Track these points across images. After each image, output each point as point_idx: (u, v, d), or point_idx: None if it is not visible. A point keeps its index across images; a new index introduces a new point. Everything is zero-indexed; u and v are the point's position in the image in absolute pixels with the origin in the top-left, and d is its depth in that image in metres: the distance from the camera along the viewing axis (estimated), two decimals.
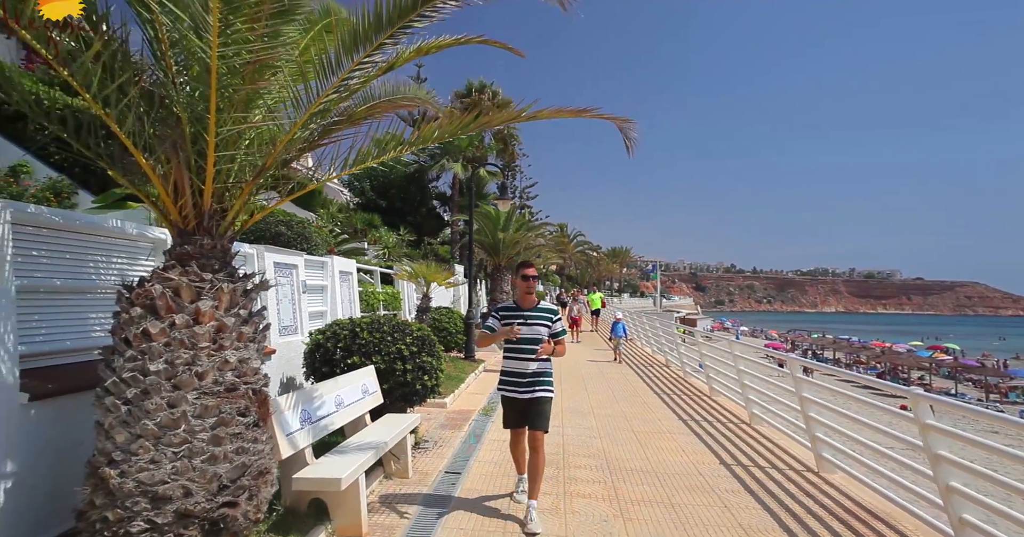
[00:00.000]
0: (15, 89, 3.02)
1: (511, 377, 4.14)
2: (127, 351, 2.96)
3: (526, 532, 3.82)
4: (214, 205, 3.27)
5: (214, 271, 3.22)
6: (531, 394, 4.07)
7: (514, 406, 4.15)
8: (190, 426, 2.94)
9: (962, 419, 21.42)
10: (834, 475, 5.26)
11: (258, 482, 3.19)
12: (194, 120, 3.08)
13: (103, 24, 2.87)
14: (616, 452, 5.97)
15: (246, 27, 2.70)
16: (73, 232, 3.64)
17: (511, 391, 4.12)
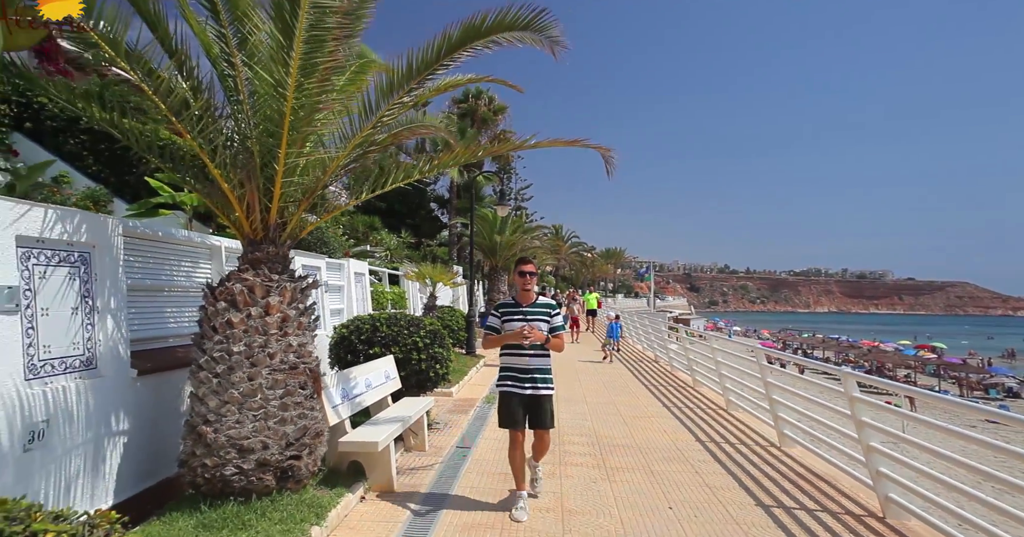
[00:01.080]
0: (123, 128, 3.79)
1: (511, 372, 4.11)
2: (215, 336, 3.74)
3: (533, 490, 4.36)
4: (277, 220, 4.07)
5: (279, 273, 4.02)
6: (533, 390, 4.04)
7: (514, 401, 4.07)
8: (265, 395, 3.74)
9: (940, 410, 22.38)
10: (793, 449, 6.08)
11: (315, 441, 3.99)
12: (264, 153, 3.86)
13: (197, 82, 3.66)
14: (605, 432, 6.78)
15: (313, 84, 3.49)
16: (155, 241, 4.42)
17: (511, 386, 4.08)
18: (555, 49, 4.06)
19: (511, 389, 4.08)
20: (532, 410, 4.08)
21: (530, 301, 4.18)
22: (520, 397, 4.05)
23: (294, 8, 3.08)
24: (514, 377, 4.10)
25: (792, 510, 4.36)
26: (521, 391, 4.05)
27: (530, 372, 4.07)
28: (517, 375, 4.09)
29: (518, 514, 3.98)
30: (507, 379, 4.13)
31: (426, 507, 4.22)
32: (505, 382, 4.13)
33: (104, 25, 3.11)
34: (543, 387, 4.08)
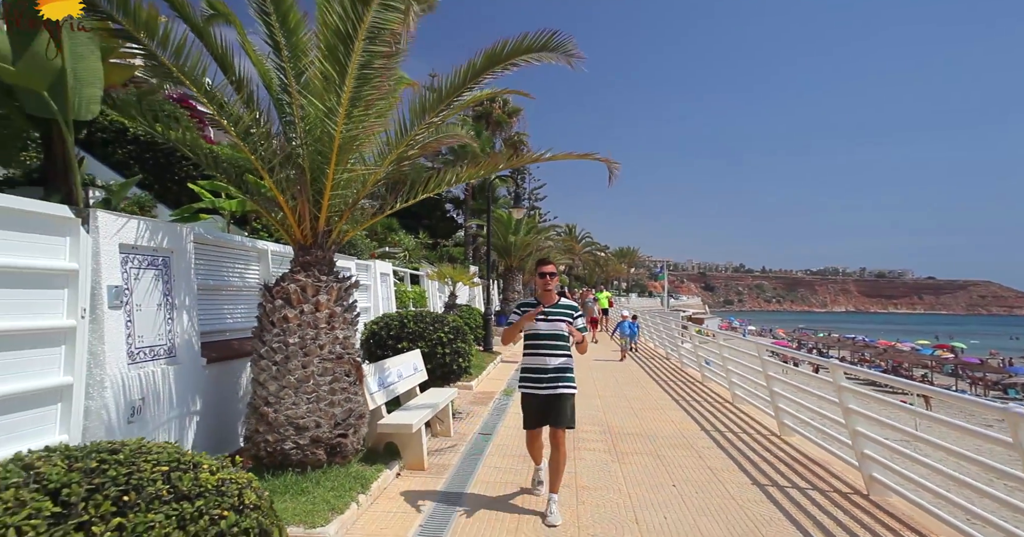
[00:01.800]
0: (198, 148, 4.35)
1: (532, 373, 4.04)
2: (273, 329, 4.31)
3: (546, 523, 3.85)
4: (324, 228, 4.62)
5: (326, 274, 4.58)
6: (553, 390, 3.98)
7: (534, 403, 4.03)
8: (316, 381, 4.30)
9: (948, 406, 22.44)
10: (792, 437, 6.52)
11: (358, 423, 4.55)
12: (314, 170, 4.42)
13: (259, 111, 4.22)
14: (616, 422, 7.26)
15: (360, 112, 4.03)
16: (215, 246, 5.01)
17: (531, 387, 4.03)
18: (572, 62, 4.56)
19: (530, 391, 4.04)
20: (551, 408, 3.99)
21: (552, 302, 4.13)
22: (541, 398, 4.01)
23: (347, 51, 3.62)
24: (534, 378, 4.03)
25: (785, 488, 4.82)
26: (541, 391, 4.00)
27: (550, 372, 3.99)
28: (537, 376, 4.02)
29: (539, 488, 4.32)
30: (527, 380, 4.07)
31: (455, 482, 4.75)
32: (526, 383, 4.08)
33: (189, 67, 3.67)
34: (563, 386, 3.99)
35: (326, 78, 3.87)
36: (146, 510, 1.74)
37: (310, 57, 4.13)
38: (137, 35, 3.43)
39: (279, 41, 4.14)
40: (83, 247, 3.36)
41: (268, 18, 4.08)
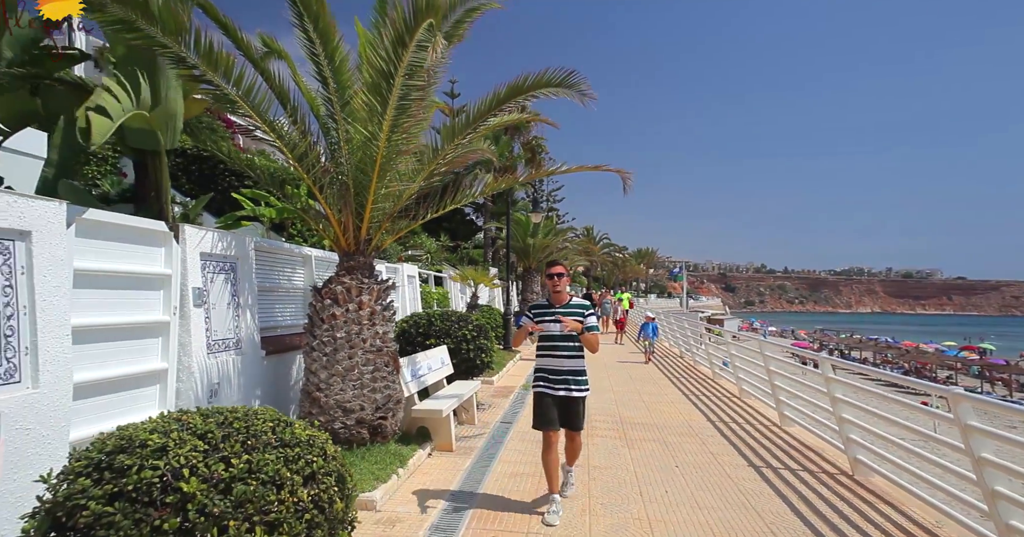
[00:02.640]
0: (257, 168, 5.04)
1: (545, 374, 4.12)
2: (323, 325, 4.97)
3: (564, 494, 4.29)
4: (365, 237, 5.28)
5: (367, 277, 5.23)
6: (566, 392, 4.03)
7: (547, 402, 4.08)
8: (360, 370, 4.94)
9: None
10: (792, 428, 6.99)
11: (396, 407, 5.19)
12: (356, 186, 5.07)
13: (311, 138, 4.89)
14: (628, 414, 7.80)
15: (398, 136, 4.67)
16: (270, 252, 5.70)
17: (545, 387, 4.10)
18: (584, 101, 5.15)
19: (544, 390, 4.10)
20: (564, 410, 4.06)
21: (563, 302, 4.20)
22: (553, 398, 4.06)
23: (388, 86, 4.26)
24: (547, 379, 4.11)
25: (777, 469, 5.33)
26: (554, 392, 4.05)
27: (563, 373, 4.06)
28: (551, 376, 4.09)
29: (550, 518, 3.92)
30: (541, 380, 4.15)
31: (480, 461, 5.37)
32: (539, 383, 4.15)
33: (256, 102, 4.36)
34: (576, 388, 4.05)
35: (369, 108, 4.51)
36: (263, 451, 2.38)
37: (353, 89, 4.79)
38: (217, 81, 4.11)
39: (327, 77, 4.80)
40: (174, 255, 4.06)
41: (317, 58, 4.74)
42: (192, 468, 2.19)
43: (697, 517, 4.14)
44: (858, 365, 5.42)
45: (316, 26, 4.54)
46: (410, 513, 4.08)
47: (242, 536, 2.15)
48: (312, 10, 4.51)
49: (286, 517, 2.28)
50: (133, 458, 2.18)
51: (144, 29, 3.76)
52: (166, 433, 2.32)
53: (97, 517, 2.04)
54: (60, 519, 2.09)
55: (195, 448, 2.25)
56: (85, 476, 2.16)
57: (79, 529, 2.06)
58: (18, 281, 2.82)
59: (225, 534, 2.12)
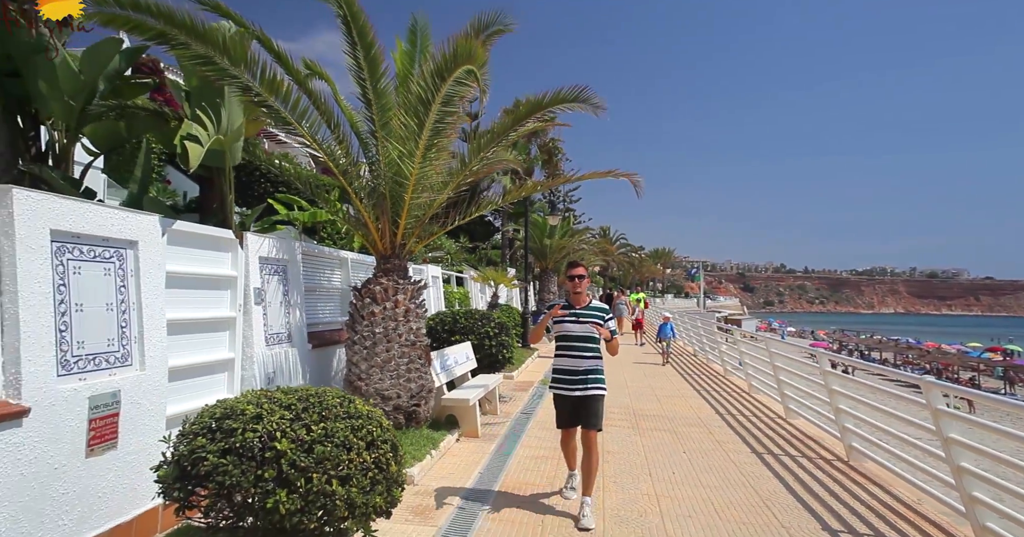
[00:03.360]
0: (306, 179, 5.62)
1: (563, 374, 4.13)
2: (363, 321, 5.55)
3: (579, 527, 3.83)
4: (400, 242, 5.84)
5: (402, 278, 5.79)
6: (583, 391, 4.05)
7: (565, 403, 4.13)
8: (397, 362, 5.51)
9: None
10: (796, 420, 7.40)
11: (428, 396, 5.74)
12: (393, 197, 5.63)
13: (353, 155, 5.47)
14: (640, 406, 8.28)
15: (432, 154, 5.22)
16: (313, 256, 6.30)
17: (562, 388, 4.11)
18: (597, 112, 5.66)
19: (561, 391, 4.13)
20: (582, 409, 4.09)
21: (583, 304, 4.20)
22: (572, 399, 4.10)
23: (426, 111, 4.82)
24: (565, 380, 4.12)
25: (778, 456, 5.78)
26: (571, 392, 4.08)
27: (580, 373, 4.07)
28: (568, 377, 4.11)
29: (568, 493, 4.30)
30: (559, 381, 4.16)
31: (504, 446, 5.90)
32: (557, 384, 4.17)
33: (308, 124, 4.95)
34: (593, 387, 4.07)
35: (407, 129, 5.07)
36: (334, 421, 2.93)
37: (393, 111, 5.34)
38: (276, 106, 4.70)
39: (371, 100, 5.37)
40: (239, 260, 4.66)
41: (364, 82, 5.30)
42: (282, 432, 2.76)
43: (700, 493, 4.62)
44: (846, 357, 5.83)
45: (367, 55, 5.10)
46: (445, 486, 4.63)
47: (323, 486, 2.71)
48: (365, 41, 5.07)
49: (354, 473, 2.83)
50: (237, 422, 2.76)
51: (219, 63, 4.36)
52: (259, 405, 2.89)
53: (214, 467, 2.62)
54: (186, 468, 2.67)
55: (283, 417, 2.81)
56: (202, 436, 2.74)
57: (200, 476, 2.64)
58: (129, 282, 3.42)
59: (310, 483, 2.68)
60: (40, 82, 4.42)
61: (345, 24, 5.06)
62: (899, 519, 4.10)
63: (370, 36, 5.15)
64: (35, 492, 2.70)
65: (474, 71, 4.66)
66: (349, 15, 5.00)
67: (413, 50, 5.94)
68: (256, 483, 2.62)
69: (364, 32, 5.05)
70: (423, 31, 5.87)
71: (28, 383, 2.69)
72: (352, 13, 4.98)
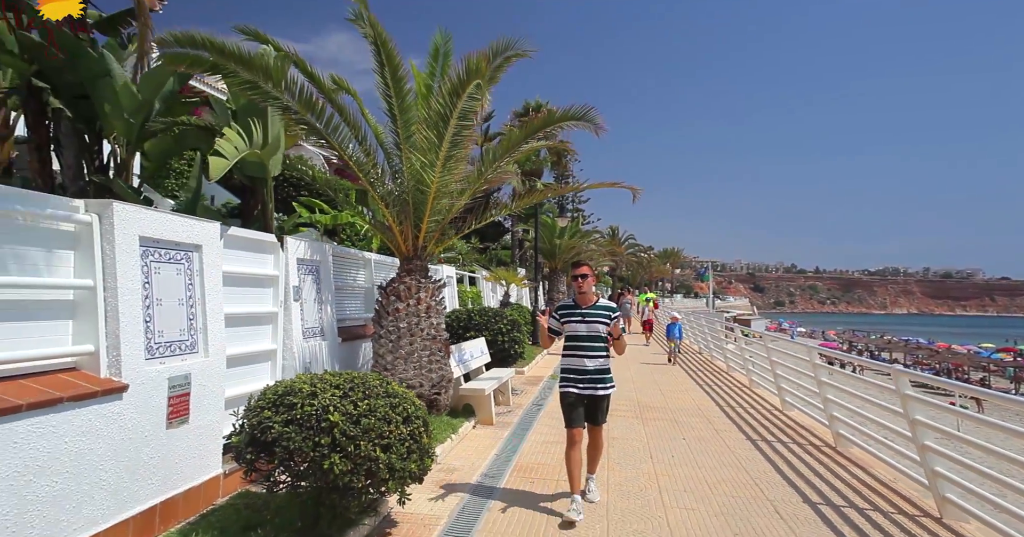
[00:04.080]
0: (332, 184, 6.15)
1: (571, 374, 4.19)
2: (388, 317, 6.08)
3: (585, 500, 4.10)
4: (421, 244, 6.37)
5: (424, 277, 6.32)
6: (592, 391, 4.10)
7: (573, 401, 4.16)
8: (419, 354, 6.04)
9: None
10: (792, 412, 7.84)
11: (448, 385, 6.27)
12: (415, 203, 6.15)
13: (380, 167, 6.00)
14: (645, 399, 8.75)
15: (451, 164, 5.74)
16: (342, 257, 6.84)
17: (570, 386, 4.17)
18: (598, 132, 6.16)
19: (570, 389, 4.17)
20: (590, 407, 4.16)
21: (589, 303, 4.25)
22: (579, 396, 4.14)
23: (444, 125, 5.34)
24: (573, 379, 4.17)
25: (771, 442, 6.24)
26: (580, 391, 4.13)
27: (589, 372, 4.12)
28: (577, 376, 4.16)
29: (571, 514, 3.85)
30: (567, 380, 4.22)
31: (517, 432, 6.41)
32: (566, 384, 4.22)
33: (339, 139, 5.49)
34: (601, 387, 4.13)
35: (428, 142, 5.59)
36: (376, 398, 3.45)
37: (416, 124, 5.87)
38: (312, 122, 5.25)
39: (396, 115, 5.90)
40: (280, 261, 5.20)
41: (390, 100, 5.84)
42: (334, 406, 3.28)
43: (695, 473, 5.10)
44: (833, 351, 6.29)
45: (394, 75, 5.64)
46: (464, 465, 5.15)
47: (368, 452, 3.22)
48: (393, 62, 5.61)
49: (394, 442, 3.35)
50: (297, 398, 3.29)
51: (263, 87, 4.91)
52: (313, 385, 3.42)
53: (280, 434, 3.15)
54: (256, 436, 3.20)
55: (334, 394, 3.34)
56: (267, 409, 3.27)
57: (268, 442, 3.17)
58: (195, 280, 3.96)
59: (358, 449, 3.20)
60: (105, 103, 5.00)
61: (375, 49, 5.60)
62: (872, 493, 4.57)
63: (396, 59, 5.69)
64: (132, 455, 3.25)
65: (481, 84, 5.17)
66: (380, 42, 5.54)
67: (435, 65, 6.46)
68: (314, 448, 3.15)
69: (391, 56, 5.59)
70: (445, 48, 6.39)
71: (126, 364, 3.24)
72: (382, 41, 5.52)
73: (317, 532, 3.29)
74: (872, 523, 4.00)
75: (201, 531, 3.33)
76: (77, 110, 5.16)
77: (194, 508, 3.75)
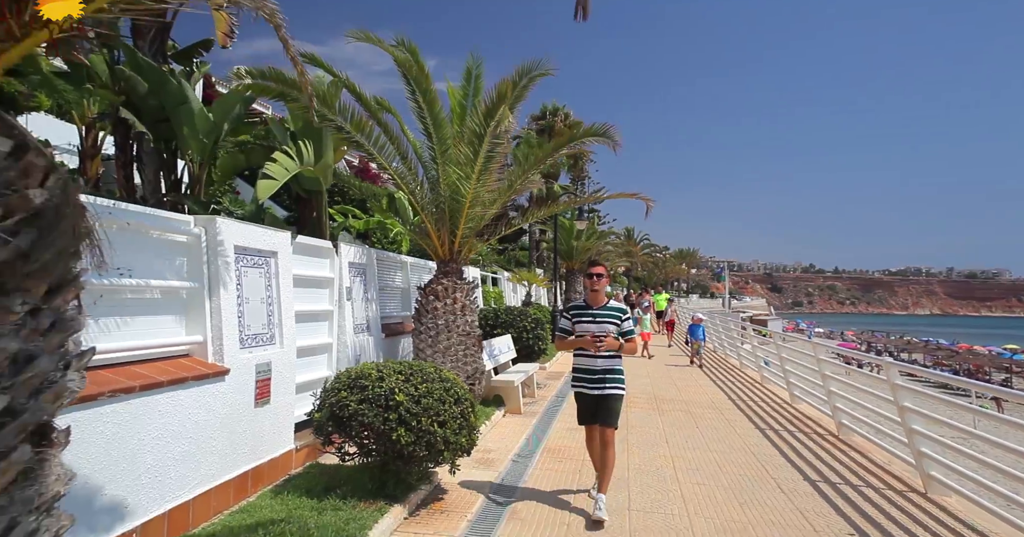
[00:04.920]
0: (366, 192, 6.80)
1: (581, 373, 4.23)
2: (427, 315, 6.71)
3: (593, 518, 3.92)
4: (456, 249, 6.99)
5: (459, 278, 6.95)
6: (601, 391, 4.14)
7: (585, 402, 4.22)
8: (456, 349, 6.66)
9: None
10: (800, 405, 8.32)
11: (480, 377, 6.89)
12: (451, 212, 6.77)
13: (420, 179, 6.64)
14: (661, 393, 9.29)
15: (485, 177, 6.36)
16: (382, 260, 7.50)
17: (581, 387, 4.22)
18: (615, 148, 6.74)
19: (582, 390, 4.22)
20: (600, 408, 4.17)
21: (600, 304, 4.26)
22: (590, 397, 4.18)
23: (479, 143, 5.95)
24: (585, 379, 4.20)
25: (777, 430, 6.76)
26: (590, 391, 4.17)
27: (600, 373, 4.15)
28: (587, 376, 4.19)
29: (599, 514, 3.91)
30: (579, 380, 4.25)
31: (542, 421, 7.01)
32: (577, 383, 4.26)
33: (385, 155, 6.14)
34: (611, 387, 4.14)
35: (465, 157, 6.22)
36: (432, 383, 4.08)
37: (451, 140, 6.50)
38: (361, 141, 5.90)
39: (431, 133, 6.54)
40: (335, 264, 5.86)
41: (425, 120, 6.48)
42: (399, 388, 3.91)
43: (707, 455, 5.66)
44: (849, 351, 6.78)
45: (425, 98, 6.28)
46: (499, 447, 5.76)
47: (428, 427, 3.84)
48: (422, 86, 6.26)
49: (448, 419, 3.97)
50: (367, 381, 3.93)
51: (319, 110, 5.57)
52: (380, 370, 4.05)
53: (355, 411, 3.79)
54: (335, 412, 3.85)
55: (398, 379, 3.97)
56: (344, 390, 3.92)
57: (345, 417, 3.81)
58: (272, 282, 4.63)
59: (420, 424, 3.82)
60: (184, 126, 5.70)
61: (406, 79, 6.29)
62: (867, 473, 5.09)
63: (427, 80, 6.32)
64: (232, 427, 3.91)
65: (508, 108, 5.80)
66: (415, 69, 6.19)
67: (468, 86, 7.08)
68: (384, 422, 3.78)
69: (424, 80, 6.24)
70: (477, 70, 7.01)
71: (227, 352, 3.91)
72: (416, 69, 6.17)
73: (384, 493, 3.92)
74: (863, 496, 4.53)
75: (290, 490, 3.98)
76: (157, 132, 5.87)
77: (275, 476, 4.41)
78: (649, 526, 3.92)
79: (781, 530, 3.89)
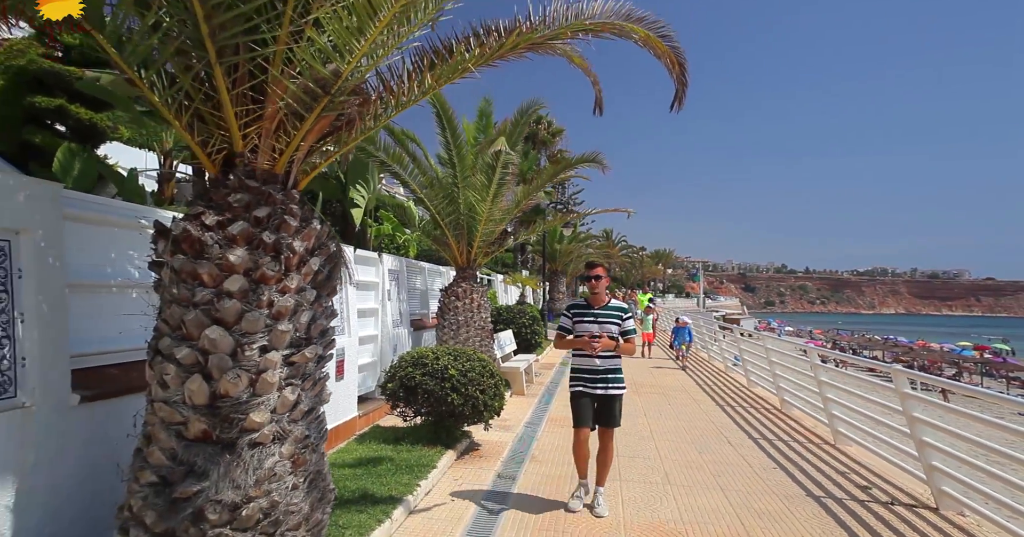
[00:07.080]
0: (387, 199, 8.17)
1: (582, 373, 4.19)
2: (450, 312, 8.12)
3: (594, 514, 4.03)
4: (472, 257, 8.40)
5: (475, 282, 8.36)
6: (604, 390, 4.12)
7: (585, 401, 4.14)
8: (474, 341, 8.08)
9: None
10: (756, 388, 9.93)
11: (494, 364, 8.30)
12: (468, 226, 8.17)
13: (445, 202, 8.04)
14: (638, 379, 10.82)
15: (498, 199, 7.77)
16: (409, 267, 8.86)
17: (582, 386, 4.18)
18: (604, 170, 8.23)
19: (582, 388, 4.17)
20: (602, 408, 4.15)
21: (601, 304, 4.25)
22: (591, 396, 4.14)
23: (492, 173, 7.37)
24: (586, 378, 4.17)
25: (735, 407, 8.32)
26: (592, 391, 4.13)
27: (600, 373, 4.13)
28: (588, 376, 4.16)
29: (574, 504, 4.10)
30: (579, 380, 4.20)
31: (542, 401, 8.46)
32: (578, 383, 4.20)
33: (416, 182, 7.51)
34: (613, 387, 4.13)
35: (481, 184, 7.63)
36: (473, 361, 5.48)
37: (470, 169, 7.90)
38: (398, 170, 7.27)
39: (455, 163, 7.93)
40: (379, 271, 7.22)
41: (450, 152, 7.87)
42: (450, 365, 5.31)
43: (676, 423, 7.18)
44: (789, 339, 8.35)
45: (453, 134, 7.68)
46: (513, 417, 7.18)
47: (473, 394, 5.25)
48: (451, 124, 7.66)
49: (487, 388, 5.38)
50: (427, 360, 5.32)
51: (367, 148, 6.93)
52: (434, 352, 5.45)
53: (420, 381, 5.17)
54: (404, 382, 5.23)
55: (448, 358, 5.37)
56: (410, 366, 5.30)
57: (413, 387, 5.20)
58: (343, 286, 5.97)
59: (467, 391, 5.22)
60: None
61: (438, 118, 7.66)
62: (794, 432, 6.64)
63: (454, 123, 7.72)
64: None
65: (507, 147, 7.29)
66: (441, 111, 7.59)
67: (480, 122, 8.51)
68: (441, 390, 5.18)
69: (452, 123, 7.64)
70: (487, 110, 8.44)
71: None
72: (444, 110, 7.57)
73: (439, 442, 5.31)
74: (788, 446, 6.07)
75: (368, 441, 5.35)
76: None
77: (347, 434, 5.76)
78: (633, 465, 5.40)
79: (725, 466, 5.40)
